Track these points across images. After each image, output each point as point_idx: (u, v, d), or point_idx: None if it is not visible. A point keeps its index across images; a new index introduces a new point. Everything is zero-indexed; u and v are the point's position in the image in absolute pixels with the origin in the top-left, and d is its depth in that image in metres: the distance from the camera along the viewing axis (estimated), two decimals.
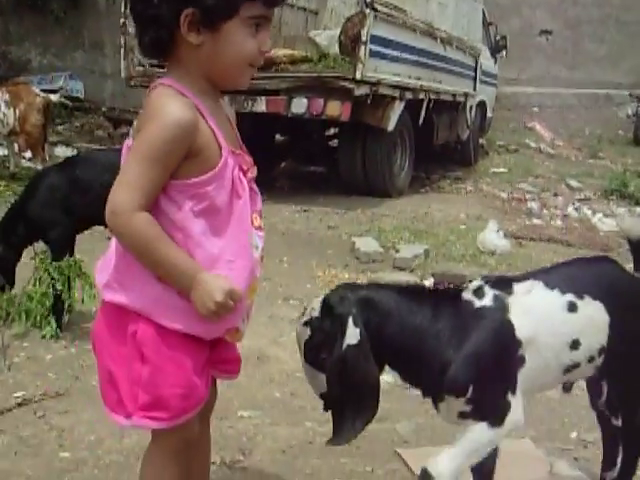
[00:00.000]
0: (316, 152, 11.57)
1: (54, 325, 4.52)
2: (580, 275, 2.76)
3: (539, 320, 2.57)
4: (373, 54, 8.97)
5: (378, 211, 9.12)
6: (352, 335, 2.34)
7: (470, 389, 2.45)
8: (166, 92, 2.02)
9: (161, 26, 1.99)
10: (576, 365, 2.63)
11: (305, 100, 8.96)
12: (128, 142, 2.09)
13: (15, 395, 3.80)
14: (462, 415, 2.50)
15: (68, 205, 4.60)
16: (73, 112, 13.93)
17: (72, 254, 4.71)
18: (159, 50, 2.07)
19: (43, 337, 4.50)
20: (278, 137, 12.13)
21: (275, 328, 4.87)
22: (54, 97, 9.70)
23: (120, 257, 2.08)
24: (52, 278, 4.45)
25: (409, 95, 10.06)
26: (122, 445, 3.34)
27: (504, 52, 15.66)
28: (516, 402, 2.50)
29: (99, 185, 4.29)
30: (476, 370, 2.46)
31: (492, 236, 7.53)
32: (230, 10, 1.99)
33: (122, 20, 9.55)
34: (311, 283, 6.01)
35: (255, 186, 2.20)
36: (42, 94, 9.51)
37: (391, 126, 9.58)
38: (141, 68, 9.76)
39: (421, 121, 10.80)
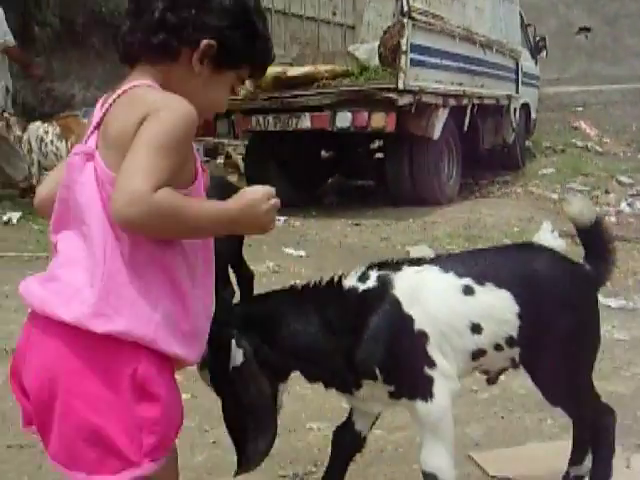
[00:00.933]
0: (362, 165, 11.57)
1: None
2: (491, 263, 2.70)
3: (429, 298, 2.54)
4: (414, 63, 8.98)
5: (429, 219, 9.10)
6: (236, 357, 2.33)
7: (377, 370, 2.47)
8: (160, 90, 1.95)
9: (180, 37, 1.95)
10: (482, 352, 2.59)
11: (349, 114, 8.97)
12: (80, 150, 1.94)
13: None
14: (393, 395, 2.53)
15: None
16: None
17: None
18: (160, 55, 1.97)
19: None
20: (323, 153, 12.16)
21: None
22: None
23: (111, 281, 1.85)
24: None
25: (452, 102, 10.04)
26: (194, 462, 3.36)
27: (544, 53, 15.57)
28: (439, 374, 2.49)
29: None
30: (377, 349, 2.46)
31: (547, 237, 7.36)
32: (239, 61, 2.04)
33: None
34: None
35: None
36: None
37: (436, 134, 9.55)
38: None
39: (466, 127, 10.75)
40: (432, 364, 2.49)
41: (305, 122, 9.15)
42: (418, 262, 2.69)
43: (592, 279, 2.79)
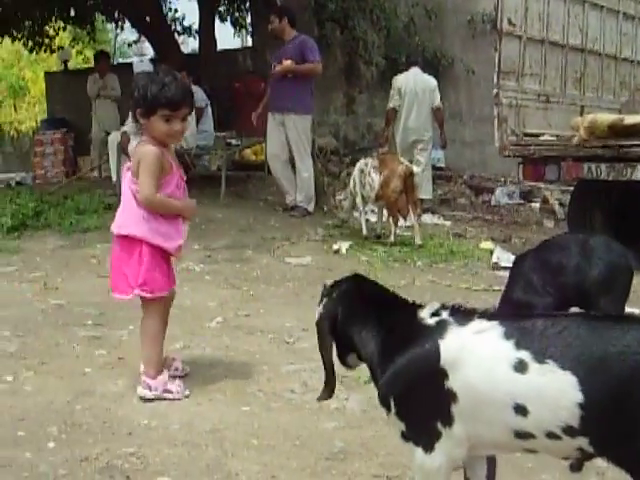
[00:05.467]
0: None
1: None
2: (567, 338, 2.28)
3: (473, 363, 2.37)
4: None
5: None
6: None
7: (392, 403, 2.52)
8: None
9: None
10: (528, 435, 2.32)
11: None
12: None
13: None
14: (402, 436, 2.56)
15: (544, 287, 4.70)
16: (435, 180, 14.34)
17: None
18: None
19: None
20: None
21: None
22: (416, 168, 10.04)
23: (127, 210, 4.20)
24: None
25: None
26: None
27: None
28: (450, 435, 2.44)
29: (569, 268, 4.52)
30: (399, 384, 2.51)
31: None
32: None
33: (495, 91, 9.70)
34: None
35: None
36: (406, 163, 9.89)
37: None
38: (514, 138, 9.83)
39: None
40: (449, 424, 2.44)
41: None
42: (492, 317, 2.47)
43: None
